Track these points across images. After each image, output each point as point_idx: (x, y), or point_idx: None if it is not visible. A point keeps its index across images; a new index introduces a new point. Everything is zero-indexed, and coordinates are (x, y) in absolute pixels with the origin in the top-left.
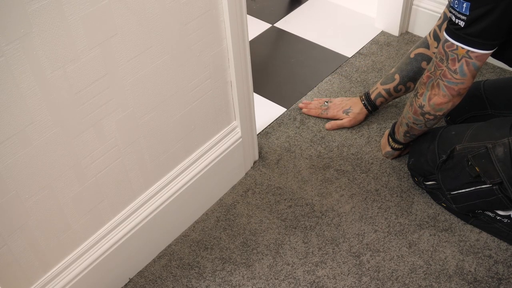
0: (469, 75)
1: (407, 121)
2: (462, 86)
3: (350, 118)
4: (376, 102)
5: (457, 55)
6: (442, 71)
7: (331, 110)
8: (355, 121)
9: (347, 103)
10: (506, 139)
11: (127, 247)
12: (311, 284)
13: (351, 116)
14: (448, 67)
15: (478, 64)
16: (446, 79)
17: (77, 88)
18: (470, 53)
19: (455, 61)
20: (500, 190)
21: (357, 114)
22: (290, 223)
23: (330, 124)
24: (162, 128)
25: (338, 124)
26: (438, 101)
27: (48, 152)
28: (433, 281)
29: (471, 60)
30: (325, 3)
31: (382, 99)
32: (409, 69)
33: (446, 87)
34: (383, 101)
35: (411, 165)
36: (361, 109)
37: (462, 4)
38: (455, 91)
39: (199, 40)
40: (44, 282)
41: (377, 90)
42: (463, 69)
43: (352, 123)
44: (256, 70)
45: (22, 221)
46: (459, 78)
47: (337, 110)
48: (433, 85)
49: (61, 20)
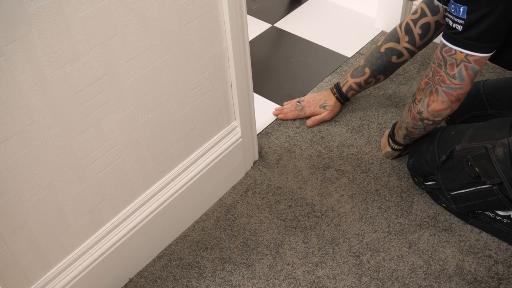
0: (467, 80)
1: (406, 125)
2: (461, 91)
3: (328, 111)
4: (348, 95)
5: (456, 60)
6: (441, 77)
7: (307, 108)
8: (334, 113)
9: (320, 98)
10: (506, 140)
11: (127, 247)
12: (311, 284)
13: (329, 109)
14: (446, 72)
15: (477, 68)
16: (445, 85)
17: (77, 88)
18: (469, 57)
19: (453, 66)
20: (500, 190)
21: (333, 107)
22: (290, 223)
23: (311, 120)
24: (162, 128)
25: (319, 119)
26: (437, 108)
27: (48, 152)
28: (433, 281)
29: (469, 64)
30: (325, 3)
31: (353, 92)
32: (379, 64)
33: (444, 93)
34: (354, 94)
35: (411, 166)
36: (335, 102)
37: (459, 8)
38: (454, 97)
39: (199, 40)
40: (44, 282)
41: (348, 83)
42: (462, 73)
43: (331, 115)
44: (256, 70)
45: (22, 221)
46: (458, 83)
47: (313, 107)
48: (432, 91)
49: (61, 20)
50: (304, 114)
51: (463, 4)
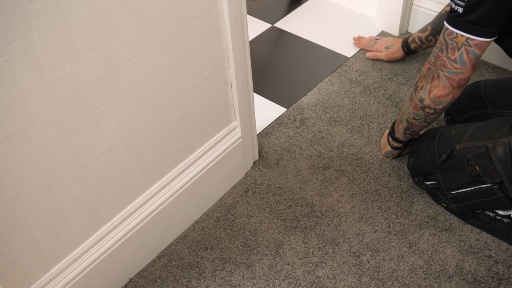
0: (469, 64)
1: (407, 117)
2: (462, 76)
3: (387, 53)
4: (411, 46)
5: (457, 43)
6: (442, 61)
7: (377, 44)
8: (391, 56)
9: (391, 41)
10: (506, 139)
11: (127, 247)
12: (311, 284)
13: (390, 51)
14: (448, 56)
15: (478, 52)
16: (446, 69)
17: (77, 88)
18: (470, 40)
19: (454, 50)
20: (500, 189)
21: (395, 51)
22: (290, 223)
23: (370, 53)
24: (162, 128)
25: (377, 55)
26: (438, 94)
27: (48, 152)
28: (433, 281)
29: (470, 48)
30: (325, 3)
31: (415, 44)
32: (438, 23)
33: (446, 78)
34: (416, 47)
35: (411, 165)
36: (399, 48)
37: None
38: (455, 82)
39: (199, 40)
40: (44, 282)
41: (414, 35)
42: (462, 57)
43: (388, 57)
44: (256, 70)
45: (22, 221)
46: (459, 68)
47: (380, 45)
48: (433, 77)
49: (61, 20)
50: (372, 48)
51: None
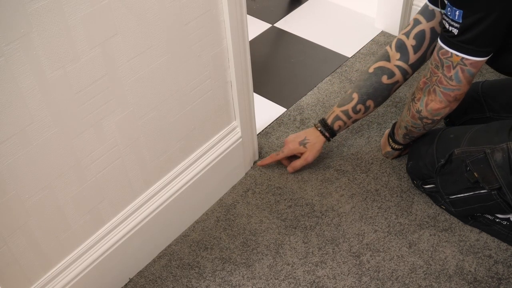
0: (464, 82)
1: (406, 124)
2: (459, 92)
3: (308, 150)
4: (334, 127)
5: (452, 62)
6: (438, 78)
7: (285, 147)
8: (315, 151)
9: (300, 134)
10: (505, 145)
11: (127, 247)
12: (311, 284)
13: (308, 147)
14: (443, 74)
15: (473, 71)
16: (442, 86)
17: (77, 88)
18: (465, 60)
19: (450, 68)
20: (499, 195)
21: (314, 144)
22: (290, 223)
23: (290, 166)
24: (162, 128)
25: (299, 164)
26: (435, 107)
27: (48, 152)
28: (433, 281)
29: (465, 67)
30: (325, 3)
31: (340, 122)
32: (368, 85)
33: (442, 93)
34: (341, 125)
35: (409, 168)
36: (317, 137)
37: (454, 12)
38: (452, 97)
39: (199, 40)
40: (44, 282)
41: (334, 113)
42: (458, 76)
43: (313, 154)
44: (256, 70)
45: (22, 221)
46: (455, 85)
47: (292, 144)
48: (430, 91)
49: (61, 20)
50: (282, 153)
51: (459, 8)
